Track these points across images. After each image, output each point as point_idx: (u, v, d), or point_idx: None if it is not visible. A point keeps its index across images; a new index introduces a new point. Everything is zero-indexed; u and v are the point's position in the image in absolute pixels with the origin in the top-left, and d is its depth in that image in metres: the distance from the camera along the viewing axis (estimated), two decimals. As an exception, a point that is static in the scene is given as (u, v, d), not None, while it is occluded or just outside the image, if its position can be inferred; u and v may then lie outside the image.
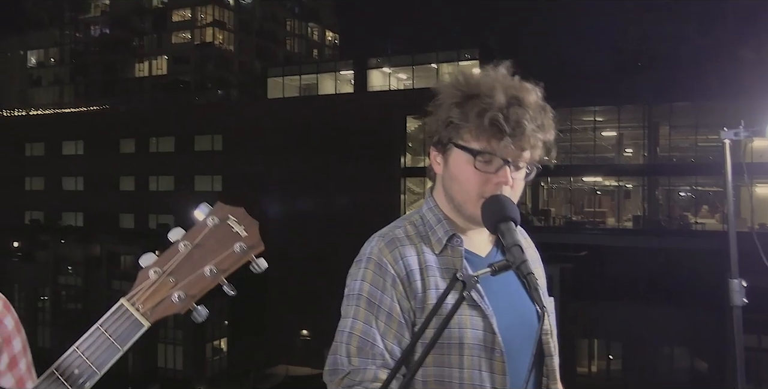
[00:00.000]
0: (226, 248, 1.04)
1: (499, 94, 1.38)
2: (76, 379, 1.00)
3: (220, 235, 1.04)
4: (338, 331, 1.40)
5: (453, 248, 1.45)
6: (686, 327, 20.08)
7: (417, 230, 1.47)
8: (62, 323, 34.74)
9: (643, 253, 22.29)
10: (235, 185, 33.11)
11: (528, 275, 1.18)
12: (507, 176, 1.39)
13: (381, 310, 1.38)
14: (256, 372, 28.41)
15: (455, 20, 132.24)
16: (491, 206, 1.35)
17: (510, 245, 1.23)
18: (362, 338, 1.36)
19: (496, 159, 1.39)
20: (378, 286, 1.39)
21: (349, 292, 1.42)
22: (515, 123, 1.36)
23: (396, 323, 1.38)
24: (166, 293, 1.03)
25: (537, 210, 27.65)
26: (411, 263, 1.40)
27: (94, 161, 38.57)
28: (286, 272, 28.28)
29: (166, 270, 1.03)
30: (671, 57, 23.47)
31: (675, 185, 26.89)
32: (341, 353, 1.37)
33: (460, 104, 1.41)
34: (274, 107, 33.88)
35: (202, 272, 1.03)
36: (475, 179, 1.41)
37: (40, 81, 63.18)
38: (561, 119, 1.48)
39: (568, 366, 20.84)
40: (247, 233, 1.05)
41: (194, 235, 1.05)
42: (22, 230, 39.54)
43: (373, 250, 1.43)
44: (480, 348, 1.38)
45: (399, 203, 29.24)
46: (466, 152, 1.41)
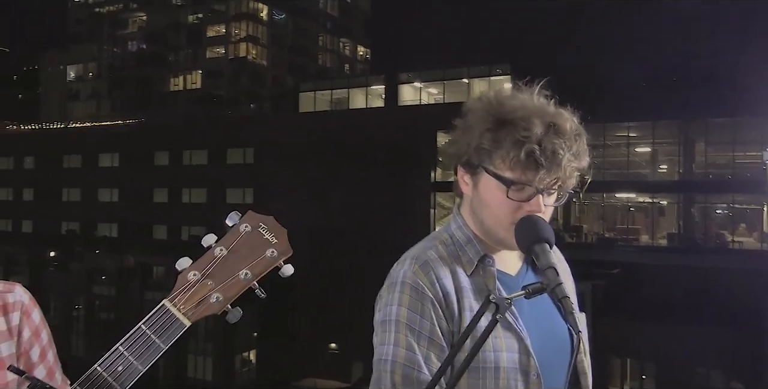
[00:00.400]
0: (259, 254, 1.11)
1: (535, 123, 1.34)
2: (120, 376, 1.05)
3: (253, 241, 1.12)
4: (379, 360, 1.34)
5: (485, 268, 1.42)
6: (722, 348, 19.60)
7: (448, 250, 1.44)
8: (96, 332, 35.23)
9: (678, 271, 21.86)
10: (267, 198, 33.36)
11: (563, 299, 1.15)
12: (540, 205, 1.36)
13: (422, 335, 1.33)
14: (284, 385, 28.41)
15: (487, 35, 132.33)
16: (525, 228, 1.31)
17: (544, 267, 1.20)
18: (406, 365, 1.31)
19: (529, 188, 1.36)
20: (416, 310, 1.35)
21: (385, 318, 1.37)
22: (551, 154, 1.32)
23: (438, 347, 1.34)
24: (205, 294, 1.09)
25: (569, 226, 27.35)
26: (447, 285, 1.37)
27: (128, 174, 39.23)
28: (315, 285, 28.35)
29: (204, 273, 1.10)
30: (708, 72, 23.12)
31: (711, 203, 26.40)
32: (386, 382, 1.31)
33: (492, 130, 1.37)
34: (305, 121, 34.16)
35: (237, 275, 1.10)
36: (507, 207, 1.37)
37: (78, 95, 64.69)
38: (594, 135, 1.47)
39: (599, 386, 20.41)
40: (277, 240, 1.13)
41: (229, 241, 1.11)
42: (59, 241, 40.30)
43: (407, 273, 1.39)
44: (515, 371, 1.35)
45: (429, 218, 29.17)
46: (499, 181, 1.37)
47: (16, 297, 1.23)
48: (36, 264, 38.87)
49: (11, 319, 1.21)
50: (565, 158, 1.33)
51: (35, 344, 1.25)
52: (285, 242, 1.13)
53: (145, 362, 1.06)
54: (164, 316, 1.08)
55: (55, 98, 64.69)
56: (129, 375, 1.06)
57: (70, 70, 65.61)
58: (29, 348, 1.23)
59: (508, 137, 1.35)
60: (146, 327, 1.07)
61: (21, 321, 1.23)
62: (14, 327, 1.21)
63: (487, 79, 30.61)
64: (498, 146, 1.36)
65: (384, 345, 1.35)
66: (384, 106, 34.16)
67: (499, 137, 1.36)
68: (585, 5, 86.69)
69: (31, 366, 1.24)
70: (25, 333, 1.23)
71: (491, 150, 1.37)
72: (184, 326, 1.08)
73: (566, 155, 1.34)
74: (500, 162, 1.37)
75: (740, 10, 40.14)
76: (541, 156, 1.32)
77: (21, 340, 1.22)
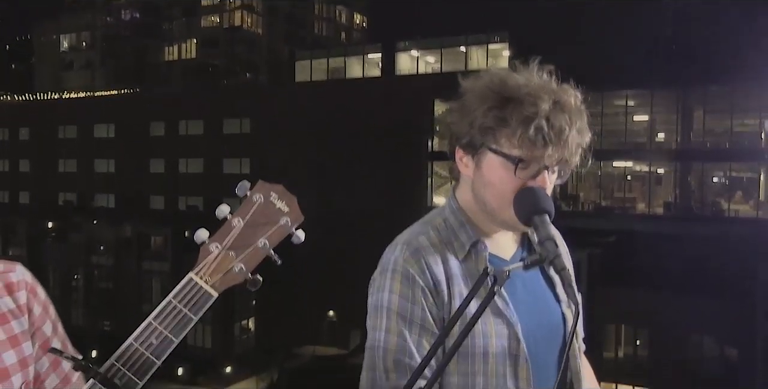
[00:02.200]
0: (274, 223, 1.14)
1: (543, 99, 1.32)
2: (156, 349, 1.09)
3: (267, 211, 1.15)
4: (372, 346, 1.37)
5: (477, 253, 1.42)
6: (716, 315, 19.85)
7: (441, 236, 1.43)
8: (95, 301, 35.53)
9: (674, 240, 22.00)
10: (263, 168, 33.33)
11: (562, 270, 1.14)
12: (546, 181, 1.35)
13: (414, 323, 1.35)
14: (283, 352, 28.79)
15: (484, 2, 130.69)
16: (525, 199, 1.31)
17: (544, 238, 1.19)
18: (398, 352, 1.34)
19: (534, 164, 1.35)
20: (407, 298, 1.36)
21: (377, 303, 1.39)
22: (558, 130, 1.32)
23: (429, 334, 1.36)
24: (228, 265, 1.13)
25: (566, 195, 27.40)
26: (437, 273, 1.37)
27: (124, 144, 39.09)
28: (314, 254, 28.49)
29: (225, 245, 1.13)
30: (707, 40, 22.94)
31: (708, 171, 26.42)
32: (378, 369, 1.35)
33: (497, 107, 1.35)
34: (301, 91, 33.93)
35: (256, 245, 1.13)
36: (512, 185, 1.36)
37: (72, 65, 64.01)
38: (592, 103, 1.45)
39: (594, 351, 20.73)
40: (288, 208, 1.16)
41: (244, 212, 1.14)
42: (56, 212, 40.33)
43: (398, 260, 1.39)
44: (504, 356, 1.36)
45: (426, 187, 29.20)
46: (506, 159, 1.36)
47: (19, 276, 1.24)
48: (34, 235, 38.97)
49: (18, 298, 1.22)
50: (571, 134, 1.33)
51: (46, 319, 1.27)
52: (296, 210, 1.16)
53: (178, 333, 1.10)
54: (192, 289, 1.11)
55: (48, 69, 63.98)
56: (164, 348, 1.10)
57: (63, 39, 64.79)
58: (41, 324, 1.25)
59: (514, 114, 1.33)
60: (176, 300, 1.11)
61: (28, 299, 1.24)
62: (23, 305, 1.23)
63: (485, 47, 30.33)
64: (504, 124, 1.34)
65: (376, 331, 1.37)
66: (381, 75, 33.90)
67: (504, 115, 1.34)
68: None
69: (46, 341, 1.26)
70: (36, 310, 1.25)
71: (496, 128, 1.35)
72: (212, 297, 1.12)
73: (572, 131, 1.33)
74: (505, 140, 1.35)
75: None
76: (550, 132, 1.31)
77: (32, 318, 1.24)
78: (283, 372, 27.88)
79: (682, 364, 20.98)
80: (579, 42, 23.40)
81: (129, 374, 1.08)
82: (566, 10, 41.24)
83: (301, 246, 1.22)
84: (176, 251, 31.58)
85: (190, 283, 1.12)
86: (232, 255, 1.12)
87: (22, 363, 1.19)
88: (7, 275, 1.23)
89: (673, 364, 20.96)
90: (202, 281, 1.12)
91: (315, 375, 24.69)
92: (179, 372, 28.88)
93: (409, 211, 2.19)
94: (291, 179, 20.71)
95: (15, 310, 1.21)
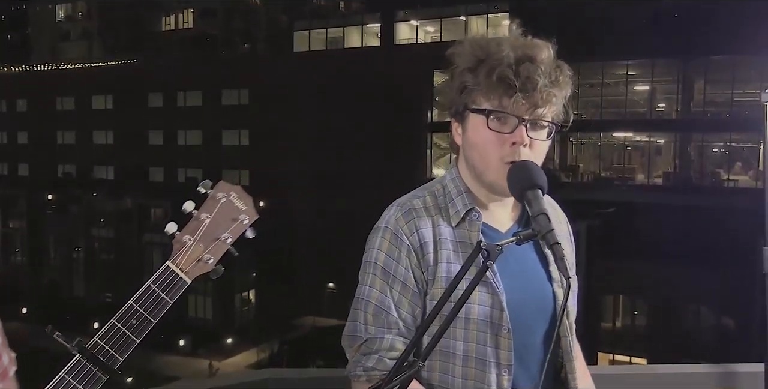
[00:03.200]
0: (235, 220, 1.28)
1: (507, 51, 1.35)
2: (136, 328, 1.21)
3: (228, 209, 1.28)
4: (356, 298, 1.44)
5: (471, 221, 1.43)
6: (714, 286, 20.00)
7: (436, 201, 1.46)
8: (96, 273, 35.73)
9: (673, 210, 22.05)
10: (262, 139, 33.23)
11: (554, 245, 1.13)
12: (522, 135, 1.35)
13: (396, 280, 1.40)
14: (283, 323, 29.07)
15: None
16: (517, 173, 1.31)
17: (536, 213, 1.19)
18: (377, 306, 1.40)
19: (511, 118, 1.35)
20: (393, 256, 1.41)
21: (366, 259, 1.45)
22: (526, 78, 1.32)
23: (410, 292, 1.40)
24: (199, 256, 1.26)
25: (565, 166, 27.38)
26: (425, 235, 1.41)
27: (123, 116, 38.88)
28: (313, 225, 28.58)
29: (196, 238, 1.26)
30: (708, 9, 22.66)
31: (708, 141, 26.36)
32: (359, 320, 1.42)
33: (472, 68, 1.38)
34: (300, 61, 33.63)
35: (221, 238, 1.27)
36: (491, 141, 1.37)
37: (68, 35, 63.27)
38: (592, 73, 1.45)
39: (592, 322, 20.95)
40: (246, 207, 1.29)
41: (210, 208, 1.27)
42: (56, 184, 40.31)
43: (390, 219, 1.44)
44: (486, 324, 1.38)
45: (425, 158, 29.15)
46: (479, 114, 1.38)
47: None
48: (34, 208, 39.02)
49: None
50: (541, 82, 1.33)
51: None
52: (252, 209, 1.30)
53: (156, 315, 1.23)
54: (169, 275, 1.24)
55: (45, 39, 63.26)
56: (143, 328, 1.21)
57: (59, 9, 63.95)
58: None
59: (483, 69, 1.36)
60: (154, 285, 1.23)
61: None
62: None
63: (485, 16, 29.98)
64: (476, 82, 1.37)
65: (362, 285, 1.44)
66: (380, 45, 33.56)
67: (477, 73, 1.37)
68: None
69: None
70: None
71: (473, 88, 1.38)
72: (187, 283, 1.25)
73: (542, 80, 1.33)
74: (480, 97, 1.38)
75: (746, -58, 39.05)
76: (515, 79, 1.32)
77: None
78: (284, 343, 28.20)
79: (680, 335, 21.21)
80: (579, 11, 23.11)
81: (111, 351, 1.18)
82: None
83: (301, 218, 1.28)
84: (176, 223, 31.59)
85: (167, 270, 1.24)
86: (201, 247, 1.25)
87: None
88: None
89: (670, 335, 21.19)
90: (177, 269, 1.24)
91: (315, 346, 24.96)
92: (181, 343, 29.20)
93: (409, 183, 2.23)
94: (289, 150, 20.75)
95: None
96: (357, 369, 1.40)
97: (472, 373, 1.39)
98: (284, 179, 30.11)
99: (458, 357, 1.38)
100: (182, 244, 1.25)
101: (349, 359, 1.44)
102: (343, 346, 1.45)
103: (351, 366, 1.42)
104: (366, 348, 1.39)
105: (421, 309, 1.41)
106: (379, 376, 1.34)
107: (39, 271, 37.47)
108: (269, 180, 29.23)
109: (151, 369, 23.66)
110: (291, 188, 29.74)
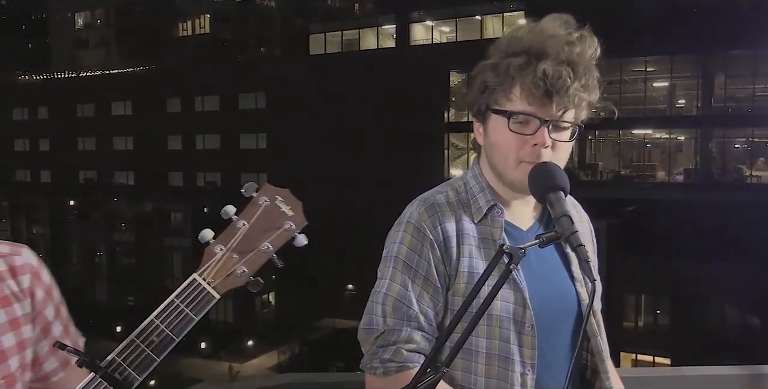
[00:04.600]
0: (278, 227, 1.15)
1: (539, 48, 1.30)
2: (156, 346, 1.11)
3: (271, 214, 1.15)
4: (374, 292, 1.41)
5: (493, 218, 1.42)
6: (738, 284, 19.73)
7: (459, 197, 1.45)
8: (118, 277, 36.07)
9: (695, 208, 21.81)
10: (281, 142, 33.35)
11: (578, 247, 1.11)
12: (544, 137, 1.33)
13: (418, 274, 1.38)
14: (303, 325, 29.14)
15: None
16: (539, 174, 1.28)
17: (558, 215, 1.17)
18: (398, 300, 1.37)
19: (533, 120, 1.33)
20: (415, 250, 1.38)
21: (387, 254, 1.42)
22: (555, 80, 1.28)
23: (432, 287, 1.38)
24: (231, 268, 1.14)
25: (584, 164, 27.18)
26: (448, 230, 1.39)
27: (142, 121, 39.24)
28: (332, 227, 28.58)
29: (230, 247, 1.14)
30: (728, 2, 22.40)
31: (730, 137, 26.02)
32: (377, 313, 1.38)
33: (495, 65, 1.35)
34: (316, 64, 33.73)
35: (259, 249, 1.14)
36: (512, 143, 1.35)
37: (87, 43, 63.98)
38: (610, 70, 1.43)
39: (614, 321, 20.76)
40: (293, 213, 1.16)
41: (249, 214, 1.15)
42: (77, 190, 40.79)
43: (413, 214, 1.42)
44: (509, 321, 1.36)
45: (442, 159, 29.08)
46: (499, 115, 1.36)
47: (24, 260, 1.26)
48: (57, 214, 39.50)
49: (21, 281, 1.25)
50: (572, 87, 1.30)
51: (49, 303, 1.29)
52: (300, 215, 1.17)
53: (179, 333, 1.12)
54: (195, 290, 1.13)
55: (64, 47, 64.06)
56: (164, 346, 1.12)
57: (77, 17, 64.71)
58: (43, 308, 1.28)
59: (510, 68, 1.32)
60: (178, 300, 1.12)
61: (32, 282, 1.26)
62: (26, 288, 1.25)
63: (501, 15, 29.86)
64: (498, 80, 1.34)
65: (382, 279, 1.41)
66: (395, 46, 33.57)
67: (500, 71, 1.34)
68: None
69: (48, 324, 1.29)
70: (38, 294, 1.27)
71: (494, 87, 1.36)
72: (214, 298, 1.13)
73: (574, 84, 1.30)
74: (503, 97, 1.36)
75: (764, -65, 38.49)
76: (543, 82, 1.29)
77: (35, 301, 1.26)
78: (304, 346, 28.26)
79: (704, 334, 20.95)
80: (596, 8, 22.93)
81: (129, 369, 1.10)
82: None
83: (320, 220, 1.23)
84: (196, 227, 31.86)
85: (193, 284, 1.13)
86: (236, 258, 1.14)
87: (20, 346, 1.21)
88: (12, 258, 1.25)
89: (694, 334, 20.93)
90: (204, 283, 1.13)
91: (335, 348, 24.99)
92: (202, 346, 29.40)
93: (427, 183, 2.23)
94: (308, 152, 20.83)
95: (18, 293, 1.23)
96: (373, 361, 1.36)
97: (495, 372, 1.36)
98: (302, 181, 30.19)
99: (481, 354, 1.36)
100: (212, 254, 1.14)
101: (365, 352, 1.40)
102: (359, 339, 1.42)
103: (367, 359, 1.39)
104: (383, 340, 1.36)
105: (443, 305, 1.39)
106: (395, 369, 1.33)
107: (62, 276, 37.94)
108: (287, 183, 29.18)
109: (171, 371, 23.84)
110: (309, 190, 29.76)
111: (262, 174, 33.26)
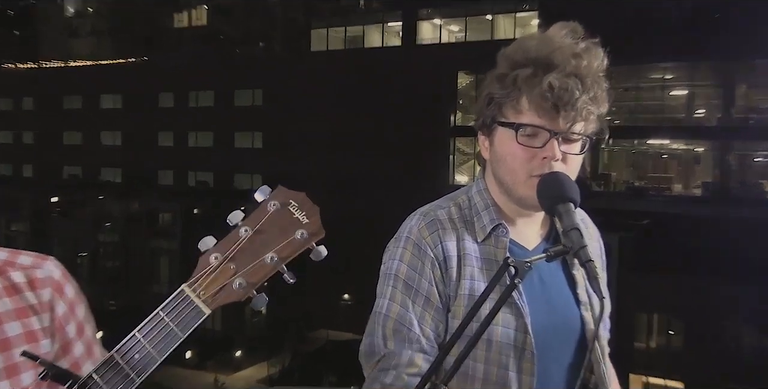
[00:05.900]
0: (288, 236, 1.06)
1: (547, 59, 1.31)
2: (137, 364, 1.03)
3: (282, 221, 1.06)
4: (375, 312, 1.41)
5: (497, 237, 1.42)
6: (756, 303, 19.69)
7: (461, 213, 1.44)
8: (101, 279, 36.02)
9: (712, 223, 21.79)
10: (277, 142, 33.38)
11: (587, 262, 1.11)
12: (554, 150, 1.33)
13: (418, 294, 1.37)
14: (295, 336, 29.08)
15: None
16: (548, 186, 1.29)
17: (568, 228, 1.17)
18: (398, 321, 1.37)
19: (542, 132, 1.33)
20: (416, 269, 1.38)
21: (386, 271, 1.42)
22: (563, 93, 1.29)
23: (433, 307, 1.37)
24: (227, 280, 1.05)
25: (596, 174, 27.19)
26: (450, 249, 1.39)
27: (132, 116, 39.27)
28: (328, 234, 28.43)
29: (227, 256, 1.04)
30: (751, 8, 22.45)
31: (751, 150, 26.03)
32: (377, 335, 1.39)
33: (502, 77, 1.35)
34: (317, 61, 33.79)
35: (262, 259, 1.05)
36: (521, 156, 1.35)
37: (78, 32, 64.09)
38: (627, 77, 1.44)
39: (624, 341, 20.73)
40: (308, 220, 1.07)
41: (255, 220, 1.06)
42: (60, 186, 40.74)
43: (412, 229, 1.41)
44: (509, 347, 1.36)
45: (447, 164, 29.10)
46: (506, 127, 1.36)
47: (46, 273, 1.26)
48: (38, 210, 39.46)
49: (41, 295, 1.23)
50: (581, 99, 1.30)
51: (71, 320, 1.27)
52: (317, 222, 1.09)
53: (162, 351, 1.04)
54: (183, 302, 1.04)
55: (53, 35, 64.16)
56: (145, 365, 1.04)
57: (68, 5, 64.85)
58: (65, 323, 1.26)
59: (517, 80, 1.33)
60: (164, 313, 1.04)
61: (53, 297, 1.25)
62: (45, 302, 1.23)
63: (513, 15, 29.94)
64: (505, 93, 1.35)
65: (381, 298, 1.41)
66: (401, 44, 33.63)
67: (507, 83, 1.34)
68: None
69: (69, 342, 1.26)
70: (59, 309, 1.25)
71: (501, 100, 1.36)
72: (204, 314, 1.05)
73: (583, 96, 1.30)
74: (510, 110, 1.36)
75: (793, -62, 38.61)
76: (551, 94, 1.29)
77: (54, 316, 1.24)
78: (296, 357, 28.20)
79: (719, 356, 20.89)
80: (612, 11, 22.99)
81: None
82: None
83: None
84: (185, 229, 31.88)
85: (181, 295, 1.04)
86: (233, 269, 1.05)
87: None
88: (33, 271, 1.25)
89: (709, 356, 20.87)
90: (194, 295, 1.04)
91: (329, 360, 24.94)
92: (187, 356, 29.32)
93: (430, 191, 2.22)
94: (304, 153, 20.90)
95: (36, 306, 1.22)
96: (374, 385, 1.37)
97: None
98: (299, 184, 29.94)
99: (477, 380, 1.36)
100: (206, 263, 1.05)
101: (366, 376, 1.41)
102: (361, 362, 1.43)
103: (368, 382, 1.39)
104: (384, 364, 1.36)
105: (444, 326, 1.39)
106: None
107: (42, 277, 37.77)
108: (283, 185, 29.31)
109: (153, 381, 23.80)
110: (305, 193, 29.75)
111: (257, 175, 33.28)
